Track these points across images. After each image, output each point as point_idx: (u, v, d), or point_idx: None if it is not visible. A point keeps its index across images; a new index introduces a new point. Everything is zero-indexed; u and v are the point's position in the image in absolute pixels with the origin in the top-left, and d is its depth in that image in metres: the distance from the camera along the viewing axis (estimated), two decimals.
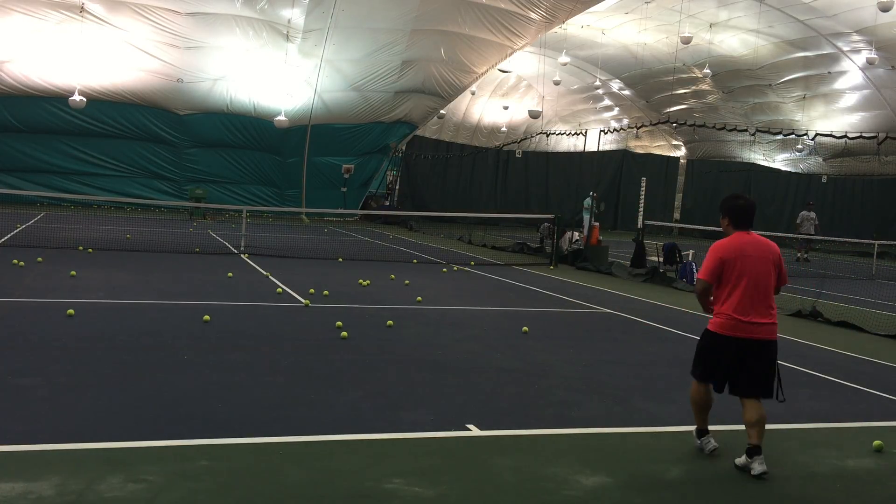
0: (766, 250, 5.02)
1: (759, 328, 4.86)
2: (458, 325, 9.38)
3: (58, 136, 28.15)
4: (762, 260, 4.96)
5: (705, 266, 5.02)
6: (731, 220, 5.13)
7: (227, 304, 9.80)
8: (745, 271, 4.89)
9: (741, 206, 5.11)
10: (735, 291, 4.89)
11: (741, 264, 4.90)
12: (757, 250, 4.98)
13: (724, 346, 4.92)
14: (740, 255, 4.92)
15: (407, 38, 27.29)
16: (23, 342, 6.96)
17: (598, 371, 7.42)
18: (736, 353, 4.88)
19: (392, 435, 5.07)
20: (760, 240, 5.08)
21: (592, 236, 19.07)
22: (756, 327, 4.85)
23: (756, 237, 5.07)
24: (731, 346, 4.89)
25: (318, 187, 31.96)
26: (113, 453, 4.42)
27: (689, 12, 29.67)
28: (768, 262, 4.97)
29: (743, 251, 4.94)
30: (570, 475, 4.55)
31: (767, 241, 5.09)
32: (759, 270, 4.93)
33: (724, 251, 4.97)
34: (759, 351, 4.88)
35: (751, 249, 4.97)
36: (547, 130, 35.57)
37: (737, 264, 4.90)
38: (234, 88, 28.76)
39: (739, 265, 4.90)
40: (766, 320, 4.89)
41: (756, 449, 4.77)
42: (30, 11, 24.21)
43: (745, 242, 5.00)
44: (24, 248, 14.08)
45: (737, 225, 5.09)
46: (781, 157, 41.40)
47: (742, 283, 4.88)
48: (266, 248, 17.05)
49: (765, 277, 4.94)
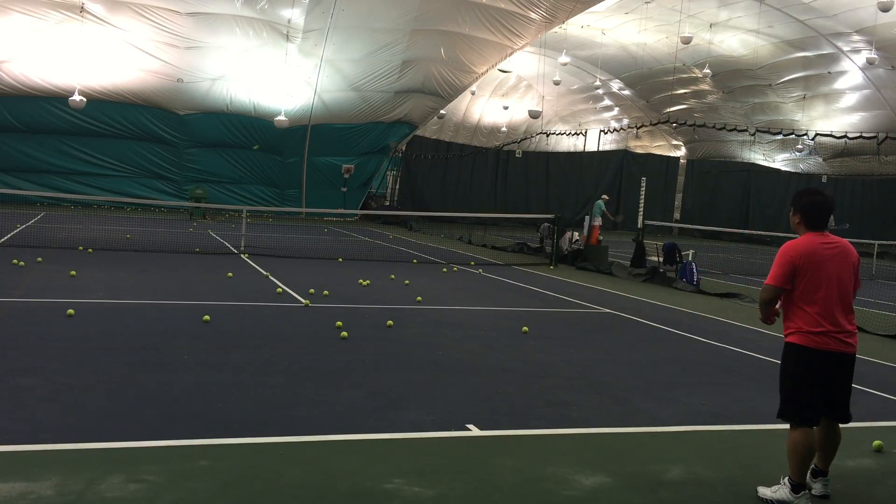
0: (847, 253, 4.45)
1: (850, 338, 4.36)
2: (458, 325, 9.37)
3: (58, 136, 28.17)
4: (844, 263, 4.40)
5: (776, 271, 4.40)
6: (803, 219, 4.50)
7: (227, 304, 9.79)
8: (829, 276, 4.33)
9: (819, 204, 4.48)
10: (818, 299, 4.31)
11: (822, 268, 4.33)
12: (837, 252, 4.40)
13: (824, 362, 4.32)
14: (818, 258, 4.35)
15: (407, 38, 27.30)
16: (23, 342, 6.96)
17: (598, 371, 7.42)
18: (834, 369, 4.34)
19: (392, 435, 5.06)
20: (839, 241, 4.48)
21: (592, 236, 19.09)
22: (849, 336, 4.35)
23: (833, 238, 4.48)
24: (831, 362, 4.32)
25: (318, 187, 31.98)
26: (113, 453, 4.41)
27: (689, 12, 29.69)
28: (849, 266, 4.42)
29: (822, 254, 4.36)
30: (570, 475, 4.55)
31: (847, 243, 4.49)
32: (841, 275, 4.38)
33: (798, 254, 4.36)
34: (851, 365, 4.42)
35: (830, 252, 4.39)
36: (547, 130, 35.60)
37: (816, 269, 4.33)
38: (234, 88, 28.78)
39: (820, 269, 4.33)
40: (854, 329, 4.41)
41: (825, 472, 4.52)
42: (30, 11, 24.21)
43: (823, 244, 4.40)
44: (24, 248, 14.07)
45: (811, 225, 4.47)
46: (781, 157, 41.41)
47: (825, 290, 4.31)
48: (266, 248, 17.05)
49: (847, 283, 4.40)
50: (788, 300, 4.43)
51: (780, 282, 4.38)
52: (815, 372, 4.31)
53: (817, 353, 4.29)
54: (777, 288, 4.39)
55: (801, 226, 4.52)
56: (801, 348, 4.33)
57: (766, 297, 4.46)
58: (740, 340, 9.46)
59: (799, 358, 4.34)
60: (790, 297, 4.41)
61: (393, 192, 36.54)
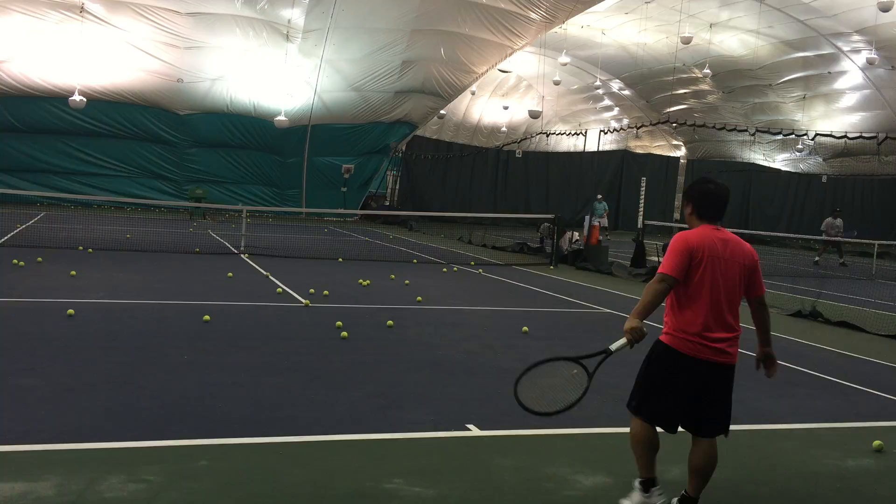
0: (741, 252, 3.98)
1: (731, 347, 3.96)
2: (458, 325, 9.37)
3: (58, 136, 28.17)
4: (734, 264, 3.94)
5: (671, 258, 3.90)
6: (696, 209, 4.07)
7: (227, 304, 9.79)
8: (717, 275, 3.89)
9: (711, 193, 4.05)
10: (699, 300, 3.88)
11: (713, 266, 3.89)
12: (729, 251, 3.94)
13: (687, 368, 3.90)
14: (711, 254, 3.89)
15: (407, 38, 27.31)
16: (23, 342, 6.96)
17: (598, 371, 7.41)
18: (700, 378, 3.92)
19: (392, 435, 5.06)
20: (734, 238, 4.02)
21: (592, 236, 19.09)
22: (730, 345, 3.96)
23: (729, 235, 4.02)
24: (697, 369, 3.90)
25: (318, 187, 31.99)
26: (113, 453, 4.41)
27: (689, 12, 29.70)
28: (740, 268, 3.96)
29: (715, 250, 3.91)
30: (570, 475, 4.55)
31: (743, 242, 4.03)
32: (729, 277, 3.92)
33: (694, 244, 3.90)
34: (727, 377, 4.00)
35: (721, 249, 3.93)
36: (547, 130, 35.63)
37: (704, 265, 3.88)
38: (234, 88, 28.79)
39: (707, 266, 3.88)
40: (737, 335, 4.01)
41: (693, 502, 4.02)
42: (29, 11, 24.22)
43: (716, 239, 3.95)
44: (24, 248, 14.07)
45: (704, 216, 4.04)
46: (781, 157, 41.42)
47: (713, 290, 3.88)
48: (266, 248, 17.05)
49: (737, 285, 3.95)
50: (672, 295, 3.97)
51: (677, 271, 3.86)
52: (682, 379, 3.90)
53: (690, 359, 3.88)
54: (673, 277, 3.87)
55: (693, 217, 4.08)
56: (671, 351, 3.94)
57: (659, 287, 3.88)
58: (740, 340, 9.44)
59: (667, 360, 3.95)
60: (675, 293, 3.95)
61: (393, 193, 36.54)
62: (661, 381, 4.00)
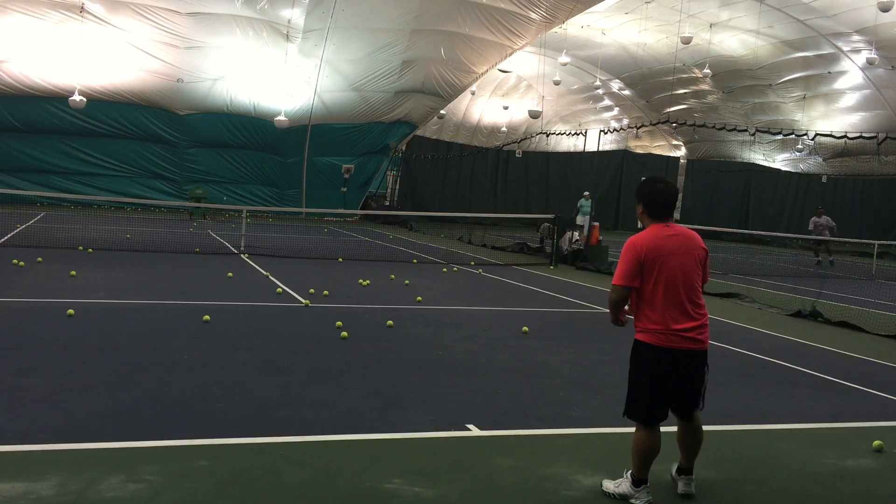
0: (693, 245, 4.25)
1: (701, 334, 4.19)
2: (458, 325, 9.37)
3: (58, 136, 28.17)
4: (687, 257, 4.19)
5: (622, 268, 4.20)
6: (646, 209, 4.30)
7: (227, 304, 9.79)
8: (673, 270, 4.13)
9: (660, 192, 4.27)
10: (659, 298, 4.13)
11: (666, 262, 4.13)
12: (680, 245, 4.20)
13: (665, 359, 4.15)
14: (663, 252, 4.15)
15: (407, 38, 27.31)
16: (23, 342, 6.96)
17: (598, 371, 7.42)
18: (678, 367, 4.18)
19: (392, 435, 5.06)
20: (685, 232, 4.30)
21: (592, 236, 19.08)
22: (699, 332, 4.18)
23: (679, 229, 4.29)
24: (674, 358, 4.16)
25: (318, 187, 31.99)
26: (113, 453, 4.42)
27: (689, 12, 29.72)
28: (694, 260, 4.21)
29: (666, 247, 4.16)
30: (570, 475, 4.55)
31: (693, 234, 4.32)
32: (686, 268, 4.17)
33: (643, 248, 4.16)
34: (702, 360, 4.26)
35: (672, 245, 4.18)
36: (547, 130, 35.62)
37: (657, 265, 4.13)
38: (234, 88, 28.79)
39: (664, 263, 4.13)
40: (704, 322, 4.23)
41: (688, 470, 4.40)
42: (29, 11, 24.22)
43: (666, 236, 4.21)
44: (24, 248, 14.07)
45: (654, 215, 4.28)
46: (781, 157, 41.42)
47: (671, 285, 4.12)
48: (266, 248, 17.05)
49: (693, 276, 4.19)
50: (636, 297, 4.23)
51: (628, 280, 4.16)
52: (663, 371, 4.15)
53: (667, 351, 4.12)
54: (626, 287, 4.18)
55: (644, 216, 4.32)
56: (649, 346, 4.16)
57: (615, 297, 4.25)
58: (740, 340, 9.46)
59: (648, 356, 4.17)
60: (638, 294, 4.21)
61: (393, 192, 36.53)
62: (647, 376, 4.23)
